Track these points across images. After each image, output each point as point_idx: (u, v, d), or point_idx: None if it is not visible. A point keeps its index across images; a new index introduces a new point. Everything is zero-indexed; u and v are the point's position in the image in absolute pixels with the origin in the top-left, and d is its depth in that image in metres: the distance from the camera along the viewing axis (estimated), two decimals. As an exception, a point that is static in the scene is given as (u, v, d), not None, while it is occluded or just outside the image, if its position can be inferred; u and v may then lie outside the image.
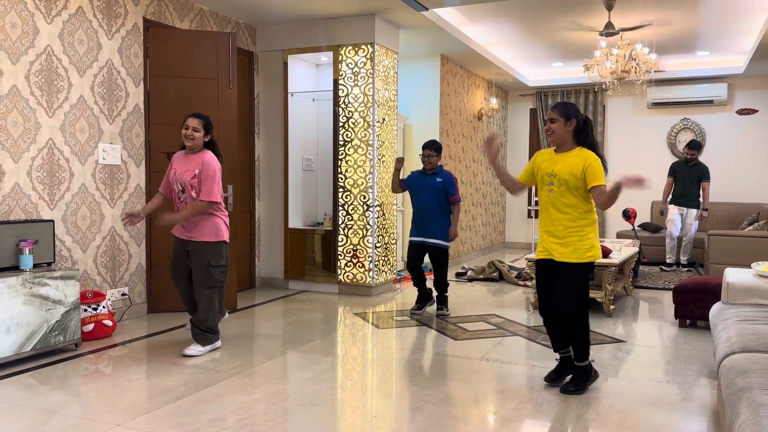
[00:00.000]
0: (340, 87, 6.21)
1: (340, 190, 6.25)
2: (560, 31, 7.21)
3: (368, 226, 6.14)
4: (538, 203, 3.58)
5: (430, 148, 5.18)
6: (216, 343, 4.18)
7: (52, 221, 4.17)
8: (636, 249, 6.42)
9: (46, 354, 3.97)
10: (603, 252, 5.42)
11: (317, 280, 6.42)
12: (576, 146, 3.36)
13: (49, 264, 4.13)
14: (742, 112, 9.29)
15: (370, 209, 6.13)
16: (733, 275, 3.69)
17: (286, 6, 5.80)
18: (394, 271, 6.69)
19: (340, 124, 6.23)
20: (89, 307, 4.36)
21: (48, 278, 3.91)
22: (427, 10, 5.98)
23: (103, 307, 4.45)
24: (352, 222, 6.21)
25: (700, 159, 9.35)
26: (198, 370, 3.72)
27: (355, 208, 6.19)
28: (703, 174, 7.72)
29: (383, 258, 6.34)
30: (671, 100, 9.49)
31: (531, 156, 10.54)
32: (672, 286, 6.12)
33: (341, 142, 6.23)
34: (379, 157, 6.22)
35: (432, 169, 5.20)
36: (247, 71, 6.42)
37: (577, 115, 3.34)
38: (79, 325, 4.11)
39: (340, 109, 6.22)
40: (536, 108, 10.47)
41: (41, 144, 4.32)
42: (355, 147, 6.16)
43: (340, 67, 6.20)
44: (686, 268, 7.84)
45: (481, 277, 7.19)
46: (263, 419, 2.96)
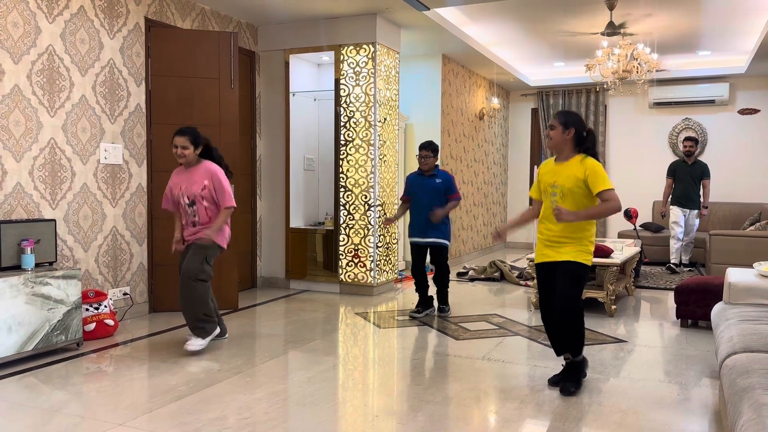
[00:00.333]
0: (341, 87, 6.21)
1: (342, 189, 6.25)
2: (562, 31, 7.21)
3: (369, 226, 6.14)
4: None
5: (428, 148, 5.12)
6: (215, 331, 4.17)
7: (54, 221, 4.18)
8: (637, 249, 6.42)
9: (48, 353, 3.98)
10: (604, 252, 5.42)
11: (318, 280, 6.42)
12: (576, 155, 3.35)
13: (50, 263, 4.14)
14: (743, 111, 9.28)
15: (372, 209, 6.13)
16: (734, 275, 3.69)
17: (288, 6, 5.81)
18: (396, 271, 6.69)
19: (342, 124, 6.23)
20: (91, 306, 4.37)
21: (50, 278, 3.91)
22: (429, 9, 5.98)
23: (105, 306, 4.45)
24: (353, 222, 6.21)
25: (699, 158, 9.38)
26: (199, 369, 3.72)
27: (357, 208, 6.19)
28: (704, 171, 7.66)
29: (384, 258, 6.34)
30: (673, 100, 9.48)
31: (532, 156, 10.59)
32: (673, 286, 6.12)
33: (342, 142, 6.23)
34: (381, 156, 6.22)
35: (429, 170, 5.16)
36: (249, 71, 6.42)
37: (578, 125, 3.33)
38: (80, 325, 4.12)
39: (342, 109, 6.22)
40: (538, 108, 10.46)
41: (43, 143, 4.33)
42: (357, 147, 6.16)
43: (341, 66, 6.20)
44: (687, 268, 7.80)
45: (483, 276, 7.19)
46: (264, 419, 2.96)
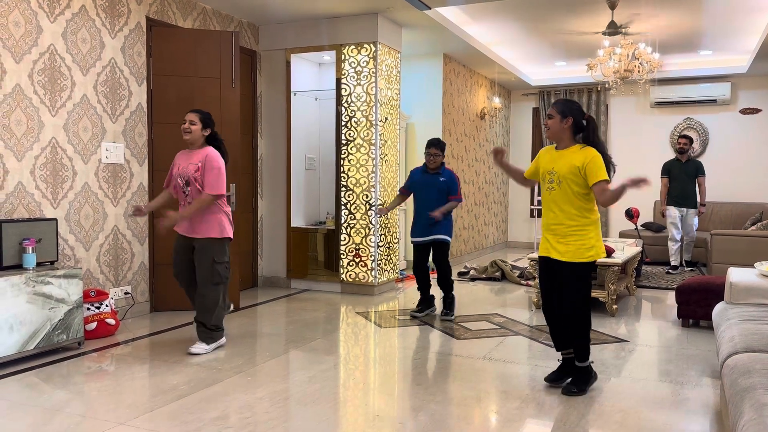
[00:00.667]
0: (342, 86, 6.21)
1: (343, 189, 6.25)
2: (563, 30, 7.20)
3: (371, 225, 6.14)
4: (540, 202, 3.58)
5: (436, 146, 5.09)
6: (221, 340, 4.19)
7: (55, 220, 4.18)
8: (639, 249, 6.41)
9: (49, 352, 3.98)
10: (606, 251, 5.40)
11: (319, 279, 6.42)
12: (575, 143, 3.33)
13: (52, 263, 4.14)
14: (745, 111, 9.27)
15: (373, 208, 6.13)
16: (736, 275, 3.69)
17: (289, 5, 5.81)
18: (397, 271, 6.69)
19: (343, 123, 6.23)
20: (92, 305, 4.37)
21: (51, 277, 3.92)
22: (430, 9, 5.98)
23: (106, 305, 4.45)
24: (354, 221, 6.21)
25: (701, 159, 9.36)
26: (200, 368, 3.73)
27: (358, 207, 6.19)
28: (698, 169, 7.61)
29: (385, 257, 6.34)
30: (674, 100, 9.47)
31: (533, 155, 10.57)
32: (675, 286, 6.11)
33: (344, 141, 6.23)
34: (382, 156, 6.22)
35: (436, 168, 5.15)
36: (250, 70, 6.42)
37: (576, 114, 3.29)
38: (82, 324, 4.12)
39: (343, 108, 6.22)
40: (539, 107, 10.45)
41: (44, 143, 4.33)
42: (358, 146, 6.16)
43: (342, 66, 6.20)
44: (689, 268, 7.77)
45: (484, 276, 7.19)
46: (266, 418, 2.96)
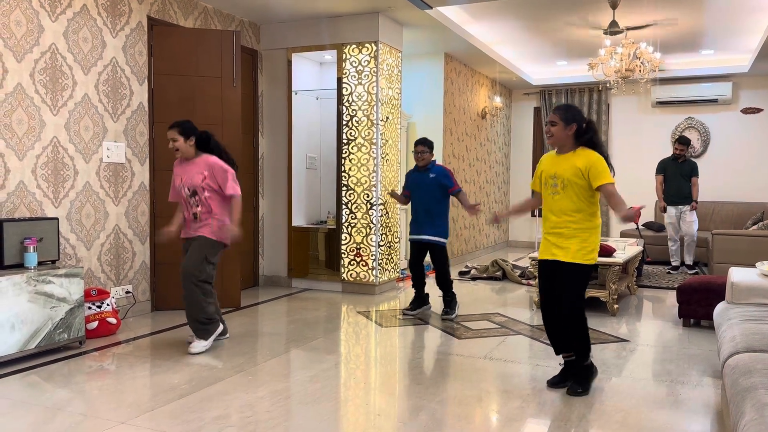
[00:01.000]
0: (343, 85, 6.21)
1: (344, 188, 6.25)
2: (564, 30, 7.20)
3: (371, 225, 6.14)
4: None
5: (423, 144, 5.20)
6: (217, 330, 4.17)
7: (57, 219, 4.18)
8: (640, 248, 6.41)
9: (51, 351, 3.98)
10: (607, 251, 5.41)
11: (320, 279, 6.43)
12: (576, 147, 3.32)
13: (53, 262, 4.14)
14: (746, 111, 9.26)
15: (374, 207, 6.13)
16: (737, 275, 3.68)
17: (290, 4, 5.80)
18: (398, 270, 6.69)
19: (344, 123, 6.23)
20: (93, 304, 4.37)
21: (52, 276, 3.92)
22: (431, 8, 5.98)
23: (107, 304, 4.46)
24: (355, 220, 6.21)
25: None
26: (202, 367, 3.73)
27: (359, 207, 6.19)
28: (693, 169, 7.64)
29: (386, 256, 6.34)
30: (676, 99, 9.46)
31: (534, 155, 10.57)
32: (676, 286, 6.11)
33: (345, 141, 6.23)
34: (383, 155, 6.21)
35: (425, 165, 5.21)
36: (251, 69, 6.42)
37: (579, 119, 3.29)
38: (83, 323, 4.12)
39: (344, 108, 6.22)
40: (540, 107, 10.45)
41: (46, 142, 4.33)
42: (359, 145, 6.16)
43: (343, 65, 6.20)
44: (692, 271, 7.60)
45: (485, 275, 7.19)
46: (267, 417, 2.97)
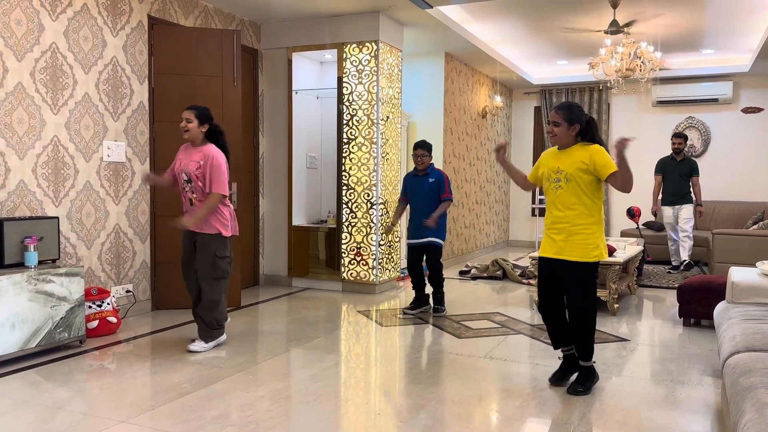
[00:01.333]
0: (344, 85, 6.21)
1: (344, 187, 6.25)
2: (565, 29, 7.19)
3: (372, 224, 6.14)
4: (544, 201, 3.56)
5: (423, 147, 5.15)
6: (221, 338, 4.19)
7: (57, 218, 4.19)
8: (640, 248, 6.41)
9: (51, 350, 3.98)
10: (607, 250, 5.39)
11: (321, 278, 6.43)
12: (577, 143, 3.34)
13: (53, 261, 4.14)
14: (747, 110, 9.25)
15: (374, 207, 6.13)
16: (737, 274, 3.68)
17: (291, 3, 5.80)
18: (398, 269, 6.69)
19: (344, 122, 6.22)
20: (94, 303, 4.38)
21: (53, 275, 3.92)
22: (432, 7, 5.97)
23: (108, 303, 4.46)
24: (355, 220, 6.21)
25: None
26: (202, 367, 3.73)
27: (359, 206, 6.19)
28: (693, 168, 7.43)
29: (387, 256, 6.34)
30: (676, 99, 9.45)
31: (535, 154, 10.56)
32: (676, 285, 6.11)
33: (345, 140, 6.23)
34: (383, 154, 6.21)
35: (424, 170, 5.18)
36: (252, 69, 6.42)
37: (581, 118, 3.32)
38: (83, 322, 4.13)
39: (344, 107, 6.22)
40: (541, 106, 10.44)
41: (46, 141, 4.33)
42: (359, 145, 6.16)
43: (344, 64, 6.20)
44: (683, 265, 7.42)
45: (485, 275, 7.19)
46: (267, 416, 2.97)
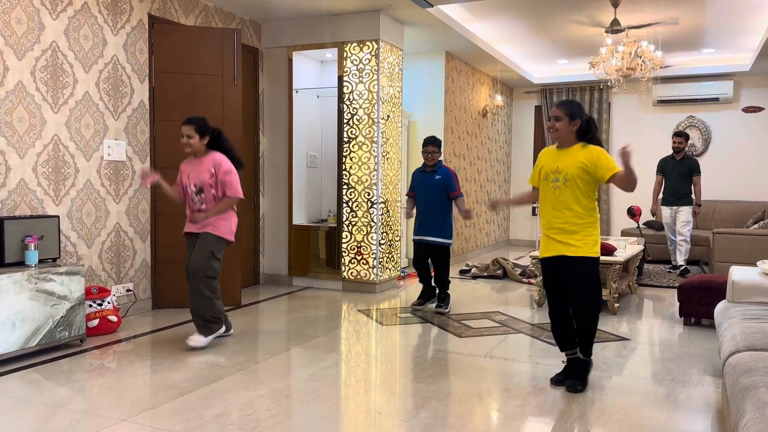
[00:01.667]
0: (344, 84, 6.20)
1: (345, 186, 6.25)
2: (566, 28, 7.19)
3: (372, 223, 6.14)
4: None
5: (433, 143, 5.21)
6: (219, 330, 4.19)
7: (58, 217, 4.18)
8: (641, 247, 6.41)
9: (51, 349, 3.99)
10: (607, 249, 5.41)
11: (321, 277, 6.43)
12: (578, 142, 3.34)
13: (54, 260, 4.14)
14: (748, 110, 9.25)
15: (375, 206, 6.13)
16: (738, 273, 3.68)
17: (291, 2, 5.80)
18: (398, 268, 6.69)
19: (345, 121, 6.22)
20: (94, 302, 4.38)
21: (53, 274, 3.92)
22: (432, 6, 5.97)
23: (108, 302, 4.46)
24: (356, 219, 6.21)
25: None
26: (202, 365, 3.73)
27: (359, 205, 6.19)
28: (693, 167, 7.28)
29: (387, 255, 6.34)
30: (677, 98, 9.45)
31: (535, 153, 10.56)
32: (677, 285, 6.10)
33: (345, 139, 6.22)
34: (384, 153, 6.21)
35: (433, 166, 5.22)
36: (252, 68, 6.42)
37: (582, 115, 3.32)
38: (84, 321, 4.13)
39: (345, 106, 6.22)
40: (541, 105, 10.44)
41: (46, 140, 4.33)
42: (360, 144, 6.16)
43: (344, 63, 6.20)
44: (679, 269, 7.30)
45: (486, 274, 7.19)
46: (267, 415, 2.97)
